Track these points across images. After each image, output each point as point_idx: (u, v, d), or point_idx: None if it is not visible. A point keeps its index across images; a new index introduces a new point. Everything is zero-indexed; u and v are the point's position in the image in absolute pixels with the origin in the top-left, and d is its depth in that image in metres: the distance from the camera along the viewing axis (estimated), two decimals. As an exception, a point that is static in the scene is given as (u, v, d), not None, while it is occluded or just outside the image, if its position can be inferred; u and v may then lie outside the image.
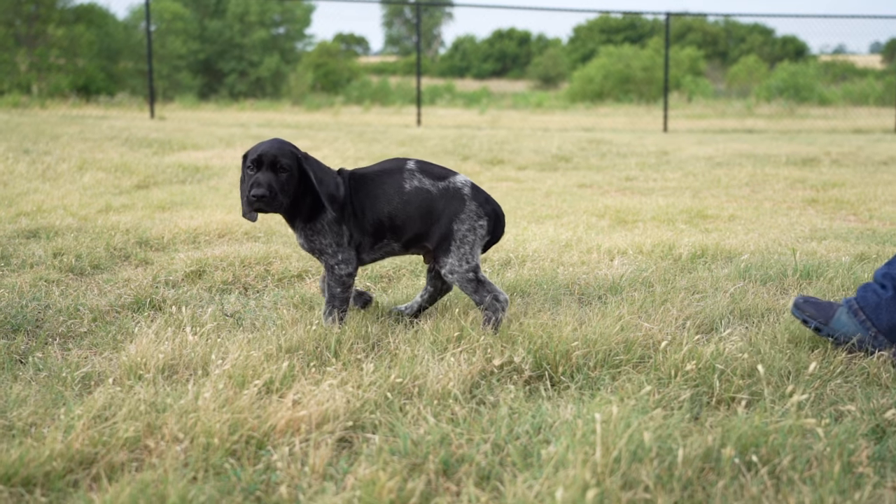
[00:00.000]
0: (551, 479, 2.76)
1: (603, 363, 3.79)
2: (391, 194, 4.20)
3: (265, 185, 4.03)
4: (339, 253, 4.20)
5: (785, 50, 63.25)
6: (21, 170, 10.08)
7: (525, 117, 28.53)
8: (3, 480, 2.79)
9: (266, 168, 4.07)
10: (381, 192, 4.21)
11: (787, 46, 64.00)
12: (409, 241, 4.29)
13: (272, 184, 4.04)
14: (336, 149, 14.33)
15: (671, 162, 13.26)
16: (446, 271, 4.23)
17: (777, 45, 65.43)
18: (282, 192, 4.07)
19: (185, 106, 31.81)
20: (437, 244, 4.23)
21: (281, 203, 4.07)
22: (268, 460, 2.95)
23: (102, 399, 3.28)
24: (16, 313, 4.51)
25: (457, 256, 4.21)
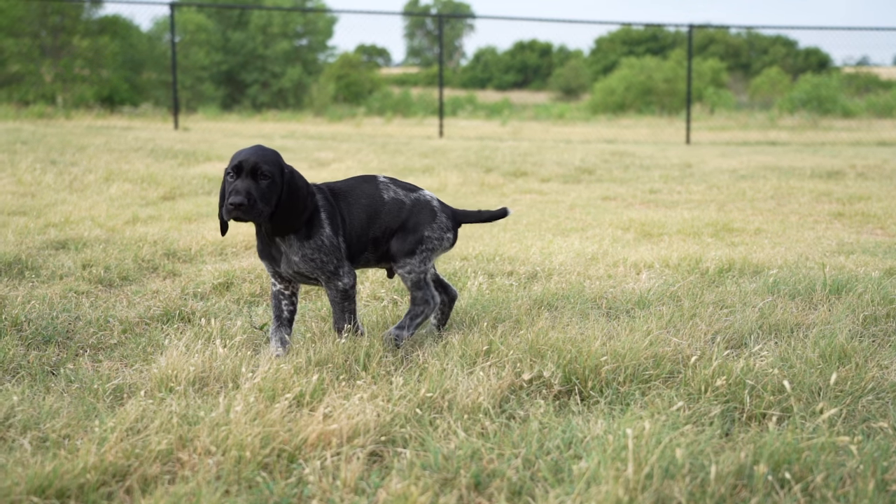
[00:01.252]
0: (583, 495, 2.75)
1: (632, 378, 3.78)
2: (372, 205, 4.25)
3: (243, 192, 3.89)
4: (340, 268, 4.16)
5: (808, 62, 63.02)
6: (49, 181, 10.16)
7: (546, 129, 28.51)
8: (37, 492, 2.81)
9: (246, 175, 3.92)
10: (363, 203, 4.25)
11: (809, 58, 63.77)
12: (384, 252, 4.34)
13: (251, 191, 3.90)
14: (359, 160, 14.36)
15: (695, 174, 13.22)
16: (405, 271, 4.34)
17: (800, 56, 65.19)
18: (262, 200, 3.92)
19: (209, 117, 31.97)
20: (402, 244, 4.31)
21: (261, 212, 3.92)
22: (299, 474, 2.96)
23: (134, 411, 3.30)
24: (46, 325, 4.54)
25: (419, 259, 4.35)
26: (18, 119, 24.46)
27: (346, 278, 4.17)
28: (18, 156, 12.63)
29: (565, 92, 61.74)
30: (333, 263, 4.13)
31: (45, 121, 23.90)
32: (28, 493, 2.80)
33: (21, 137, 15.84)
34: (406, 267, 4.33)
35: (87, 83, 37.72)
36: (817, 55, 63.65)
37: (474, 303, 4.96)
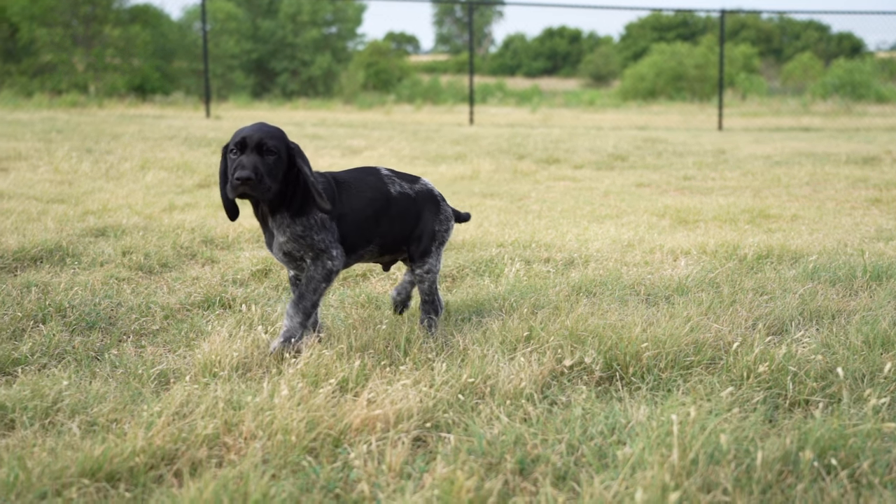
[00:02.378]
0: (628, 480, 2.76)
1: (673, 364, 3.78)
2: (378, 199, 4.11)
3: (250, 167, 3.68)
4: (333, 248, 3.96)
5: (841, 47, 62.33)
6: (85, 169, 10.25)
7: (577, 116, 28.42)
8: (88, 475, 2.85)
9: (251, 151, 3.73)
10: (367, 196, 4.09)
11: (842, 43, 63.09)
12: (389, 246, 4.22)
13: (258, 166, 3.70)
14: (391, 148, 14.38)
15: (729, 161, 13.14)
16: (424, 271, 4.27)
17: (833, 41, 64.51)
18: (269, 176, 3.74)
19: (239, 105, 32.09)
20: (419, 244, 4.24)
21: (268, 187, 3.74)
22: (345, 458, 2.98)
23: (180, 396, 3.33)
24: (90, 311, 4.59)
25: (436, 256, 4.30)
26: (52, 108, 24.68)
27: (337, 260, 3.96)
28: (54, 144, 12.75)
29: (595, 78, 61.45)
30: (325, 242, 3.92)
31: (79, 110, 24.09)
32: (79, 475, 2.84)
33: (56, 126, 15.98)
34: (425, 266, 4.28)
35: (118, 72, 37.96)
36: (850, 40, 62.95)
37: (512, 289, 4.97)
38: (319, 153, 13.42)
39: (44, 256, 5.66)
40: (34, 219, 6.90)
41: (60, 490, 2.79)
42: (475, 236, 6.43)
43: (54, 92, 33.93)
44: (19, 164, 10.59)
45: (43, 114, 20.72)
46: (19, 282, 5.05)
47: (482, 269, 5.56)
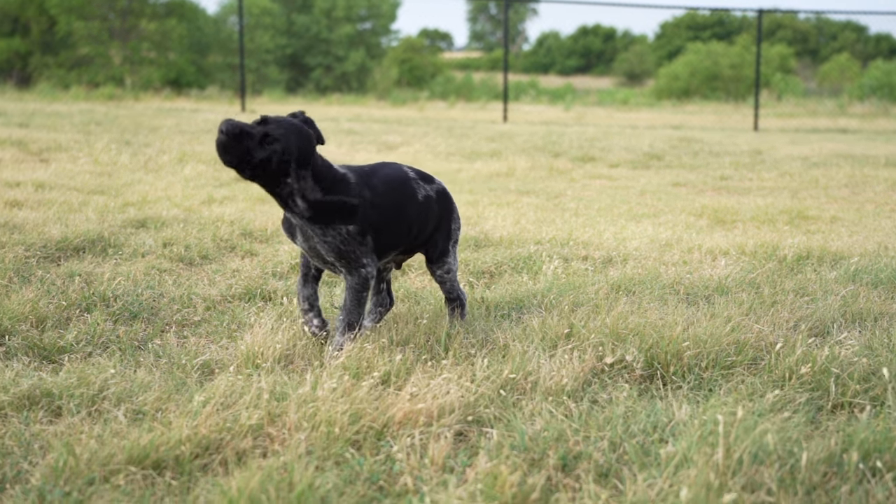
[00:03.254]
0: (672, 479, 2.76)
1: (714, 364, 3.77)
2: (410, 204, 4.02)
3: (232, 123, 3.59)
4: (364, 256, 3.89)
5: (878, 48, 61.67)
6: (124, 161, 10.34)
7: (611, 114, 28.33)
8: (134, 462, 2.89)
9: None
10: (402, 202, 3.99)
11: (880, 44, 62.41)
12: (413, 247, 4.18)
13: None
14: (427, 144, 14.40)
15: (766, 161, 13.06)
16: (444, 271, 4.25)
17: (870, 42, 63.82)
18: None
19: (274, 100, 32.22)
20: (436, 245, 4.22)
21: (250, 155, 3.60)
22: (388, 451, 3.00)
23: (224, 386, 3.37)
24: (132, 301, 4.64)
25: (453, 255, 4.29)
26: (89, 100, 24.91)
27: (371, 267, 3.91)
28: (93, 136, 12.87)
29: (629, 77, 61.21)
30: (358, 252, 3.87)
31: (115, 102, 24.30)
32: (126, 462, 2.88)
33: (94, 118, 16.13)
34: (445, 266, 4.26)
35: (154, 66, 38.27)
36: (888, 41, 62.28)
37: (551, 286, 4.97)
38: (356, 148, 13.47)
39: (86, 246, 5.73)
40: (75, 209, 6.97)
41: (108, 476, 2.83)
42: (512, 233, 6.43)
43: (91, 84, 34.24)
44: (60, 156, 10.70)
45: (81, 106, 20.91)
46: (63, 271, 5.11)
47: (520, 266, 5.57)
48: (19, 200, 7.20)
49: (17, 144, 11.45)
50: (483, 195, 8.95)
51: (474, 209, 7.69)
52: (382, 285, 4.33)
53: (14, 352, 3.94)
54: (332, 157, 11.79)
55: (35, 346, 3.99)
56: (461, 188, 9.53)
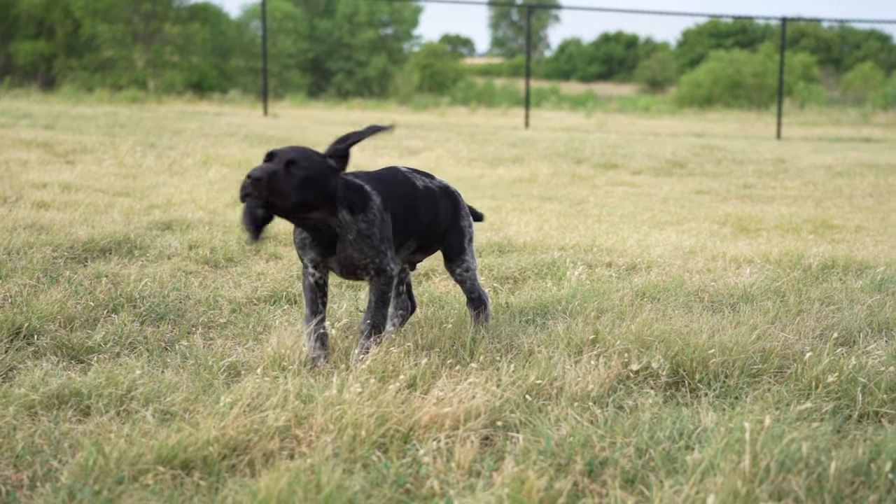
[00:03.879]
0: (698, 486, 2.75)
1: (740, 372, 3.76)
2: (412, 194, 4.02)
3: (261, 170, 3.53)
4: (389, 249, 3.85)
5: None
6: (149, 163, 10.41)
7: (633, 121, 28.28)
8: (163, 462, 2.91)
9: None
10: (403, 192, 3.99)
11: (904, 53, 62.02)
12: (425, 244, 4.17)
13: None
14: (449, 149, 14.42)
15: (789, 170, 13.01)
16: (463, 269, 4.25)
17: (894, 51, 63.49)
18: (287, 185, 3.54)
19: (295, 104, 32.35)
20: (451, 243, 4.22)
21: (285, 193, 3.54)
22: (414, 455, 3.01)
23: (250, 388, 3.38)
24: (159, 302, 4.67)
25: (470, 254, 4.28)
26: (113, 103, 25.07)
27: (394, 264, 3.89)
28: (118, 139, 12.95)
29: (651, 84, 61.05)
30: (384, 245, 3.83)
31: (138, 105, 24.45)
32: (155, 462, 2.90)
33: (118, 121, 16.23)
34: (464, 264, 4.26)
35: (176, 69, 38.47)
36: (913, 50, 61.88)
37: (575, 292, 4.97)
38: (378, 153, 13.50)
39: (112, 248, 5.77)
40: (101, 211, 7.02)
41: (137, 476, 2.86)
42: (536, 239, 6.44)
43: (114, 87, 34.48)
44: (85, 157, 10.78)
45: (105, 108, 21.05)
46: (90, 272, 5.15)
47: (544, 272, 5.57)
48: (46, 201, 7.25)
49: (44, 146, 11.54)
50: (506, 201, 8.96)
51: (497, 215, 7.70)
52: (402, 287, 4.33)
53: (43, 351, 3.98)
54: (355, 162, 11.81)
55: (63, 345, 4.02)
56: (484, 194, 9.54)
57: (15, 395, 3.40)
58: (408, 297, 4.37)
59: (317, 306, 3.93)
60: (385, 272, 3.84)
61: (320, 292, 3.94)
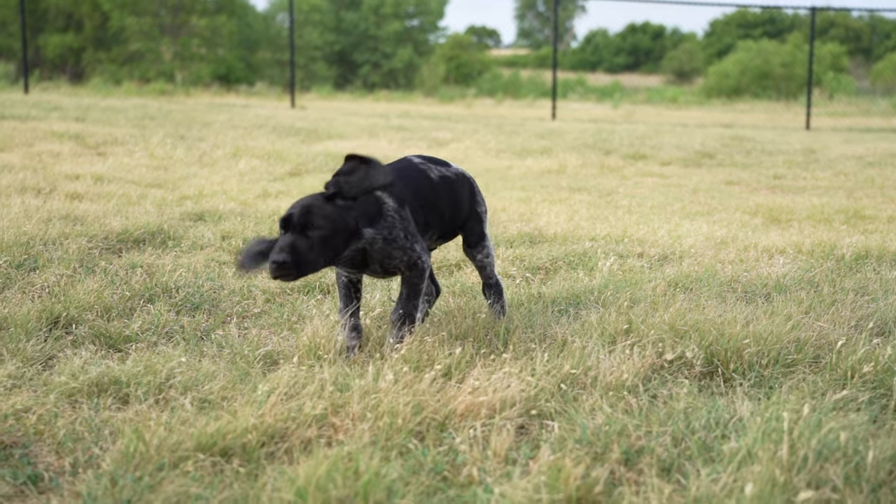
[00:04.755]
0: (736, 474, 2.76)
1: (775, 362, 3.76)
2: (428, 186, 4.00)
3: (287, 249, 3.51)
4: (417, 243, 3.82)
5: (933, 47, 60.61)
6: (179, 155, 10.47)
7: (660, 112, 28.16)
8: (202, 449, 2.94)
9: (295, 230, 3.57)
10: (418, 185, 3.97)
11: (935, 43, 61.33)
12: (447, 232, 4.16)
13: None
14: (477, 140, 14.42)
15: (820, 161, 12.92)
16: (483, 256, 4.26)
17: (925, 41, 62.76)
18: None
19: (322, 96, 32.43)
20: (472, 229, 4.22)
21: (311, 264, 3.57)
22: (450, 443, 3.03)
23: (287, 377, 3.41)
24: (193, 292, 4.71)
25: (490, 242, 4.30)
26: (141, 95, 25.21)
27: (425, 254, 3.86)
28: (148, 131, 13.04)
29: (678, 75, 60.73)
30: (410, 239, 3.81)
31: (167, 97, 24.59)
32: (195, 450, 2.93)
33: (148, 113, 16.33)
34: (484, 250, 4.27)
35: (203, 62, 38.65)
36: (944, 40, 61.18)
37: (607, 283, 4.97)
38: (406, 144, 13.52)
39: (146, 239, 5.82)
40: (134, 202, 7.08)
41: (177, 463, 2.89)
42: (566, 230, 6.43)
43: (142, 80, 34.70)
44: (116, 149, 10.86)
45: (133, 101, 21.19)
46: (125, 262, 5.19)
47: (575, 263, 5.57)
48: (80, 193, 7.32)
49: (75, 138, 11.64)
50: (535, 192, 8.96)
51: (527, 206, 7.70)
52: None
53: (81, 340, 4.02)
54: (384, 153, 11.86)
55: (101, 334, 4.07)
56: (513, 185, 9.55)
57: (55, 383, 3.44)
58: (431, 283, 4.39)
59: (350, 298, 3.96)
60: (417, 266, 3.84)
61: (353, 287, 3.98)
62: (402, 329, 3.86)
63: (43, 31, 38.30)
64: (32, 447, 3.04)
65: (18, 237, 5.39)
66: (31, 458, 2.97)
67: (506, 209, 7.34)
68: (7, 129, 11.87)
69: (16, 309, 4.28)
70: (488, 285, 4.37)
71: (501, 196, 8.29)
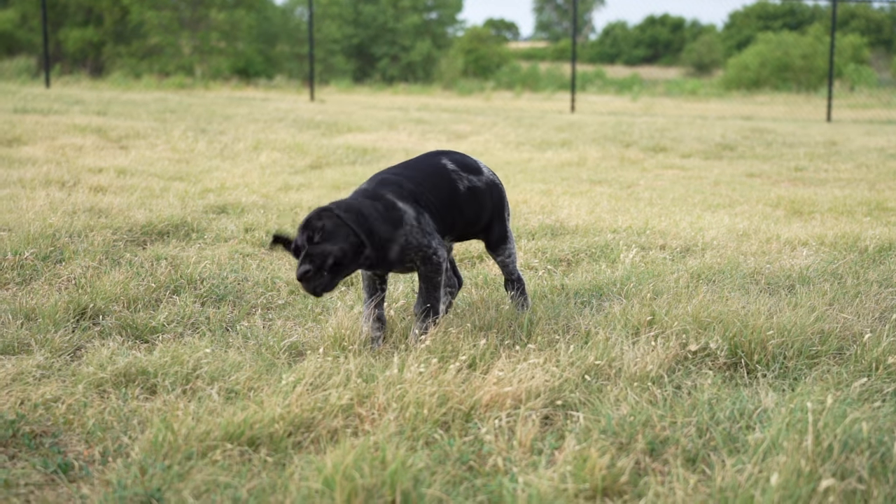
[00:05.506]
0: (761, 465, 2.76)
1: (799, 353, 3.76)
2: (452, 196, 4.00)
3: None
4: (433, 239, 3.88)
5: (955, 38, 60.10)
6: (201, 148, 10.52)
7: (679, 105, 28.04)
8: (231, 439, 2.97)
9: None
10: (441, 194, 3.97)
11: (957, 34, 60.81)
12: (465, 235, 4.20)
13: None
14: (496, 133, 14.42)
15: (841, 153, 12.86)
16: (504, 256, 4.28)
17: (947, 32, 62.23)
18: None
19: (341, 89, 32.45)
20: (495, 232, 4.24)
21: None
22: (475, 433, 3.05)
23: (312, 367, 3.43)
24: (218, 284, 4.74)
25: (511, 238, 4.32)
26: (161, 89, 25.32)
27: (441, 249, 3.90)
28: (169, 124, 13.10)
29: (697, 67, 60.45)
30: (427, 237, 3.87)
31: (186, 91, 24.67)
32: (223, 439, 2.96)
33: (168, 107, 16.40)
34: (506, 251, 4.29)
35: (223, 55, 38.73)
36: (966, 31, 60.65)
37: (629, 274, 4.97)
38: (426, 137, 13.54)
39: (170, 231, 5.86)
40: (157, 195, 7.12)
41: (205, 452, 2.92)
42: (588, 222, 6.44)
43: (161, 74, 34.81)
44: (138, 143, 10.92)
45: (154, 94, 21.27)
46: (149, 254, 5.23)
47: (597, 255, 5.58)
48: (103, 186, 7.37)
49: (97, 132, 11.70)
50: (556, 184, 8.96)
51: (548, 198, 7.70)
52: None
53: (108, 331, 4.06)
54: (403, 146, 11.88)
55: (128, 325, 4.11)
56: (533, 177, 9.55)
57: (84, 374, 3.48)
58: (453, 273, 4.41)
59: (374, 289, 3.99)
60: (432, 260, 3.86)
61: (378, 279, 4.00)
62: (426, 321, 3.89)
63: (63, 25, 38.45)
64: (62, 436, 3.08)
65: (44, 229, 5.43)
66: (60, 446, 3.01)
67: (527, 201, 7.34)
68: (30, 122, 11.95)
69: (43, 300, 4.33)
70: (510, 281, 4.39)
71: (522, 188, 8.30)
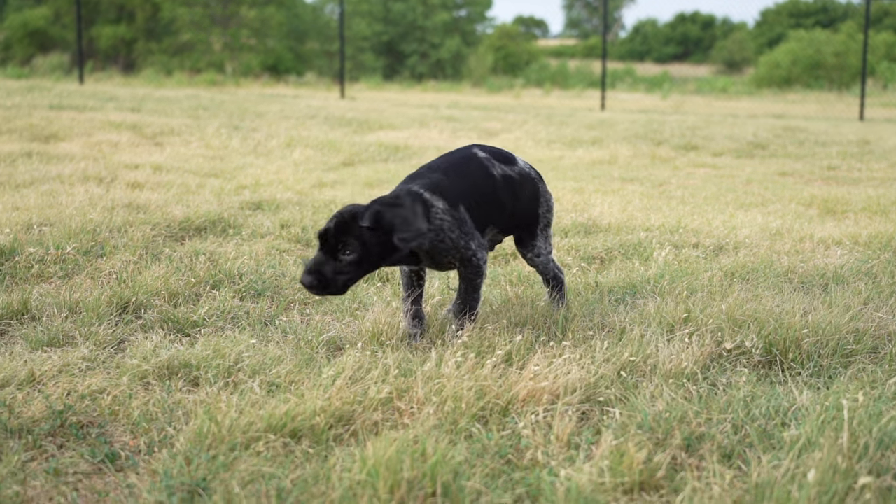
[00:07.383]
0: (797, 461, 2.79)
1: (834, 352, 3.78)
2: (488, 184, 3.97)
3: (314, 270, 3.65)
4: (472, 240, 3.85)
5: None
6: (235, 145, 10.62)
7: (709, 103, 27.93)
8: (273, 430, 3.03)
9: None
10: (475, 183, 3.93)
11: None
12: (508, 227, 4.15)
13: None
14: (526, 131, 14.44)
15: (875, 152, 12.78)
16: (533, 255, 4.24)
17: (982, 30, 61.55)
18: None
19: (370, 86, 32.54)
20: (523, 229, 4.20)
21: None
22: (513, 427, 3.09)
23: (351, 362, 3.49)
24: (256, 279, 4.81)
25: (543, 238, 4.25)
26: (192, 86, 25.49)
27: (481, 251, 3.89)
28: (202, 121, 13.22)
29: (728, 65, 60.13)
30: (464, 238, 3.84)
31: (218, 88, 24.83)
32: (265, 431, 3.02)
33: (201, 104, 16.54)
34: (534, 249, 4.25)
35: (253, 52, 38.93)
36: None
37: (663, 272, 5.00)
38: (457, 135, 13.58)
39: (207, 227, 5.94)
40: (193, 191, 7.21)
41: (248, 443, 2.98)
42: (620, 220, 6.46)
43: (193, 70, 35.06)
44: (172, 139, 11.04)
45: (186, 91, 21.45)
46: (188, 249, 5.31)
47: (630, 253, 5.60)
48: (140, 182, 7.47)
49: (132, 128, 11.84)
50: (587, 182, 8.98)
51: (580, 196, 7.73)
52: None
53: (151, 325, 4.14)
54: (434, 143, 11.93)
55: (169, 319, 4.18)
56: (564, 175, 9.57)
57: (128, 366, 3.55)
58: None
59: (412, 285, 4.03)
60: (472, 262, 3.86)
61: (416, 275, 4.04)
62: (462, 318, 3.93)
63: (95, 22, 38.79)
64: (108, 427, 3.15)
65: (84, 224, 5.53)
66: (107, 437, 3.07)
67: (559, 199, 7.37)
68: (66, 119, 12.10)
69: (86, 294, 4.41)
70: (545, 279, 4.38)
71: (554, 186, 8.32)
